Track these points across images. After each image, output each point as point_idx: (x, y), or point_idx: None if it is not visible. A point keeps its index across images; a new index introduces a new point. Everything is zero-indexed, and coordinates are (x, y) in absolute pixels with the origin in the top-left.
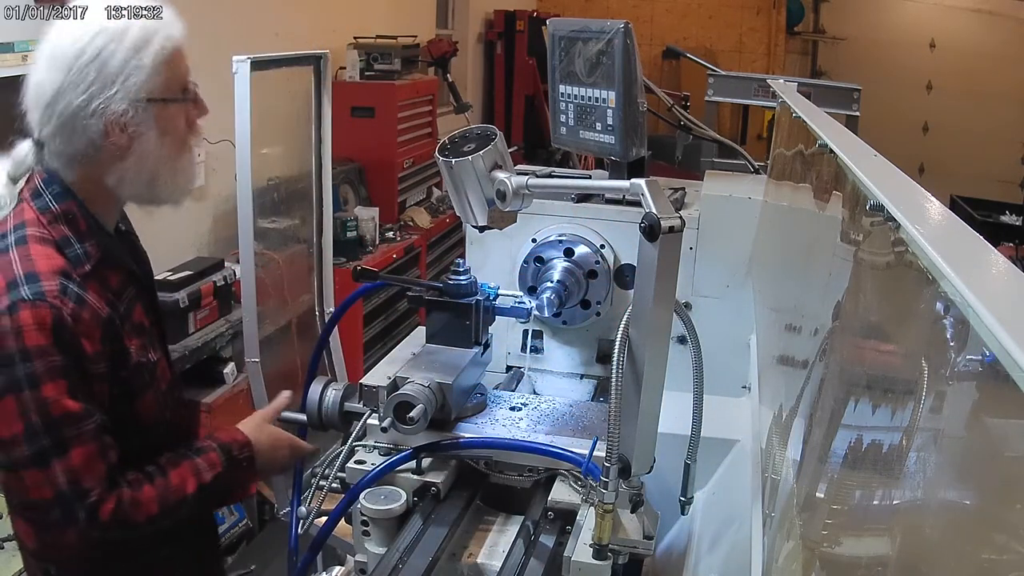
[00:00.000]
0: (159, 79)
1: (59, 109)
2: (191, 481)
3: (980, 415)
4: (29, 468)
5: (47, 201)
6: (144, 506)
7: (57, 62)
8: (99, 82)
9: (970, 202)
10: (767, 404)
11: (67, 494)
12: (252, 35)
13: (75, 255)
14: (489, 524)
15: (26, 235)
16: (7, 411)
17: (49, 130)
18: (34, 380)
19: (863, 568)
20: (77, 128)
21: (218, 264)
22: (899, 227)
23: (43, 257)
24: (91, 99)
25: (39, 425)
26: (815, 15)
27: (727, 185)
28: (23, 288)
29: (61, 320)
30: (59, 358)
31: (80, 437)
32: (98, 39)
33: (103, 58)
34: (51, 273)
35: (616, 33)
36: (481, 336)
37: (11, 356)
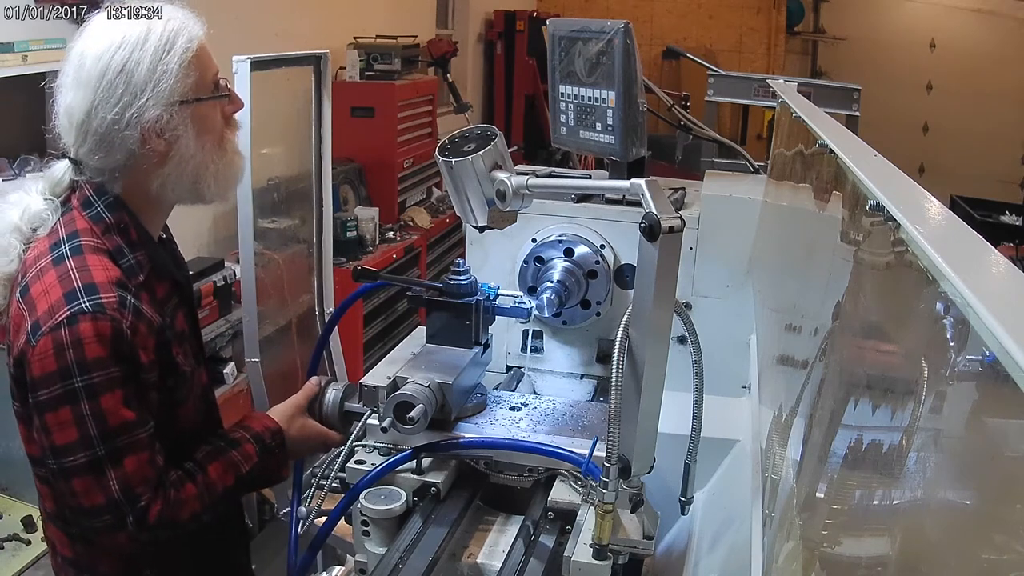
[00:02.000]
0: (188, 80)
1: (94, 127)
2: (230, 475)
3: (980, 415)
4: (82, 476)
5: (99, 211)
6: (188, 504)
7: (83, 82)
8: (129, 93)
9: (970, 202)
10: (767, 404)
11: (119, 500)
12: (252, 35)
13: (129, 266)
14: (489, 524)
15: (81, 244)
16: (63, 420)
17: (86, 149)
18: (92, 391)
19: (863, 568)
20: (115, 142)
21: (218, 264)
22: (899, 227)
23: (100, 268)
24: (124, 111)
25: (95, 434)
26: (815, 15)
27: (727, 185)
28: (83, 301)
29: (120, 333)
30: (117, 369)
31: (134, 446)
32: (120, 52)
33: (129, 69)
34: (109, 284)
35: (616, 33)
36: (481, 336)
37: (69, 368)
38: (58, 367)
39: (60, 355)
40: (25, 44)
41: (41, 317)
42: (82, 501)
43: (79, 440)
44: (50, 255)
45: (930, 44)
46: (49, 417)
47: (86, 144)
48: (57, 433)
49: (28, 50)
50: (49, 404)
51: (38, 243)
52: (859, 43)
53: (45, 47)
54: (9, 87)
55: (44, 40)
